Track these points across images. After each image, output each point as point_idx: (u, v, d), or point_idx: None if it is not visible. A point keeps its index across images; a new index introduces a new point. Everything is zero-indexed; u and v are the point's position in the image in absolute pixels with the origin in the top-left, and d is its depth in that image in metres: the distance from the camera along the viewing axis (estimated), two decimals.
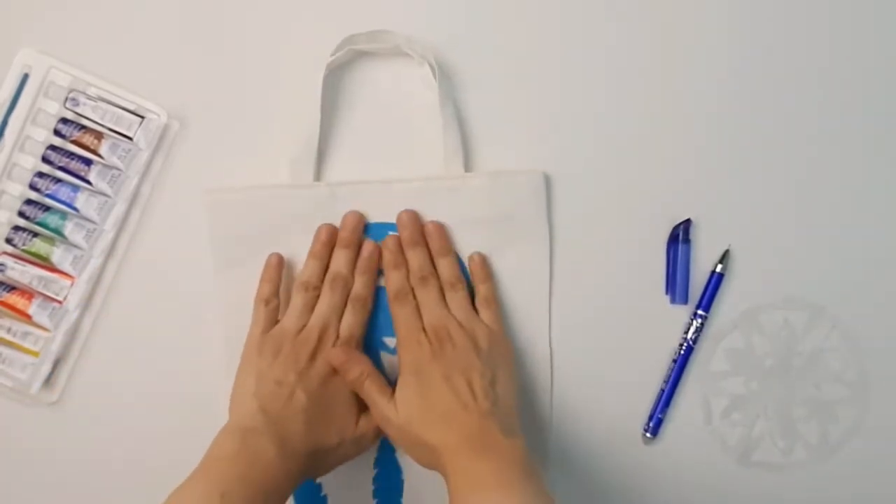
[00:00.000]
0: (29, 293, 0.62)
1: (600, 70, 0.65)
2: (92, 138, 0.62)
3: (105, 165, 0.62)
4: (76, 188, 0.62)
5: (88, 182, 0.62)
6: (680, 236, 0.64)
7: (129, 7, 0.63)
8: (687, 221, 0.64)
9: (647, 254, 0.65)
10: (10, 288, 0.62)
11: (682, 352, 0.64)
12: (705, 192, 0.65)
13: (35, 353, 0.62)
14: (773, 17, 0.65)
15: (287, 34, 0.64)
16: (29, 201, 0.62)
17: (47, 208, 0.62)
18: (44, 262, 0.62)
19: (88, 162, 0.62)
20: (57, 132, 0.62)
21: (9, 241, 0.62)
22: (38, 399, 0.63)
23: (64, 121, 0.62)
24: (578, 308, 0.65)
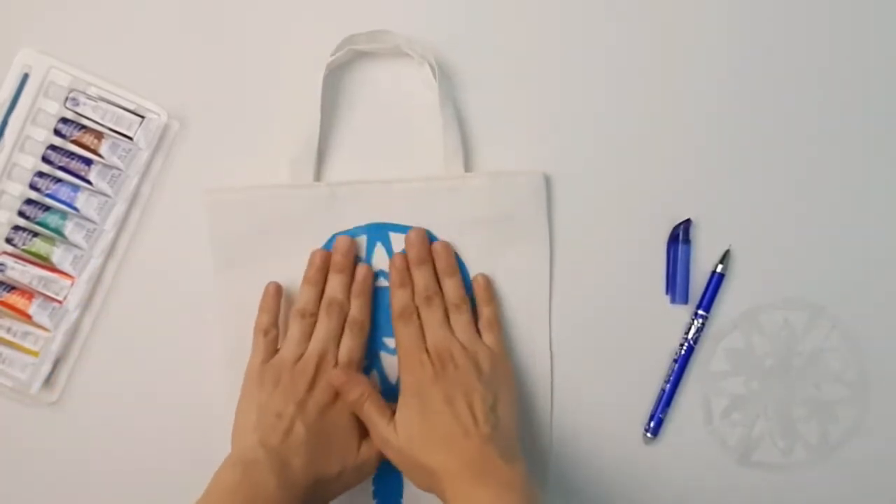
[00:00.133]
0: (29, 293, 0.62)
1: (600, 70, 0.65)
2: (92, 138, 0.62)
3: (105, 165, 0.62)
4: (76, 188, 0.62)
5: (88, 182, 0.62)
6: (680, 236, 0.64)
7: (129, 7, 0.63)
8: (687, 221, 0.64)
9: (647, 254, 0.65)
10: (10, 288, 0.62)
11: (683, 352, 0.64)
12: (705, 192, 0.65)
13: (35, 353, 0.62)
14: (773, 18, 0.65)
15: (287, 34, 0.64)
16: (29, 201, 0.62)
17: (47, 208, 0.62)
18: (44, 262, 0.62)
19: (88, 162, 0.62)
20: (57, 132, 0.62)
21: (9, 240, 0.62)
22: (38, 399, 0.63)
23: (64, 120, 0.62)
24: (578, 308, 0.65)
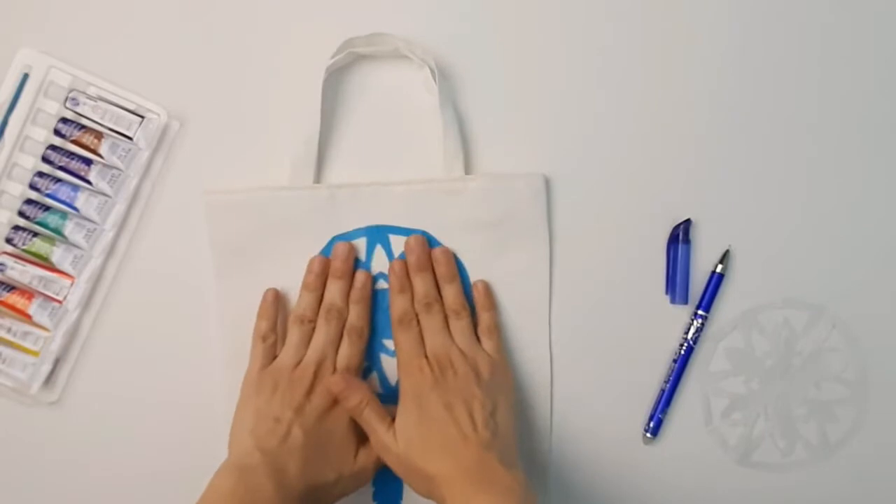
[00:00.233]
0: (29, 293, 0.62)
1: (599, 71, 0.65)
2: (92, 138, 0.62)
3: (105, 165, 0.62)
4: (76, 188, 0.62)
5: (88, 182, 0.62)
6: (680, 236, 0.64)
7: (129, 7, 0.63)
8: (687, 222, 0.64)
9: (647, 254, 0.65)
10: (10, 288, 0.62)
11: (683, 352, 0.64)
12: (705, 193, 0.65)
13: (35, 353, 0.62)
14: (773, 18, 0.65)
15: (287, 36, 0.64)
16: (29, 201, 0.62)
17: (47, 208, 0.62)
18: (44, 262, 0.62)
19: (88, 162, 0.62)
20: (57, 132, 0.62)
21: (9, 240, 0.62)
22: (38, 399, 0.63)
23: (64, 120, 0.62)
24: (579, 308, 0.65)
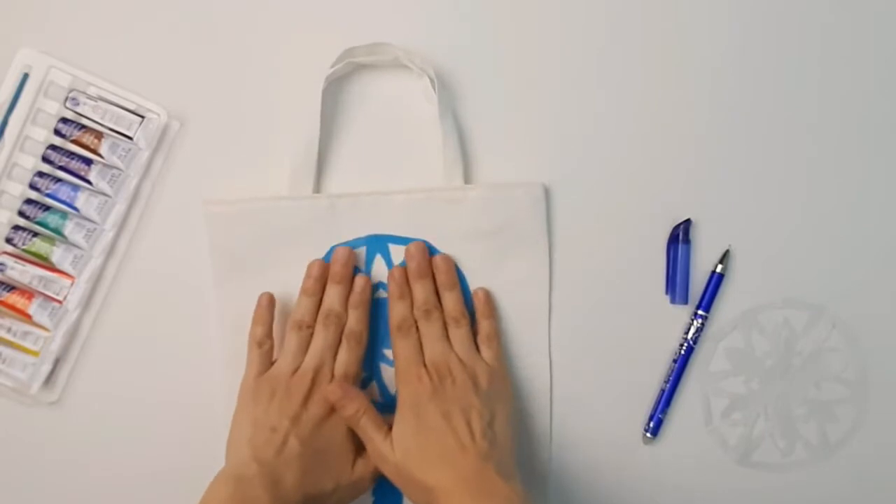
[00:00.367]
0: (29, 293, 0.62)
1: (599, 72, 0.65)
2: (92, 138, 0.62)
3: (105, 165, 0.62)
4: (76, 188, 0.62)
5: (88, 182, 0.62)
6: (680, 236, 0.64)
7: (129, 7, 0.63)
8: (687, 222, 0.64)
9: (647, 254, 0.65)
10: (10, 288, 0.62)
11: (683, 352, 0.64)
12: (705, 193, 0.65)
13: (35, 353, 0.62)
14: (773, 18, 0.65)
15: (287, 46, 0.64)
16: (29, 201, 0.62)
17: (47, 208, 0.62)
18: (44, 262, 0.62)
19: (88, 161, 0.62)
20: (57, 132, 0.62)
21: (9, 240, 0.62)
22: (38, 399, 0.63)
23: (64, 120, 0.62)
24: (579, 308, 0.65)
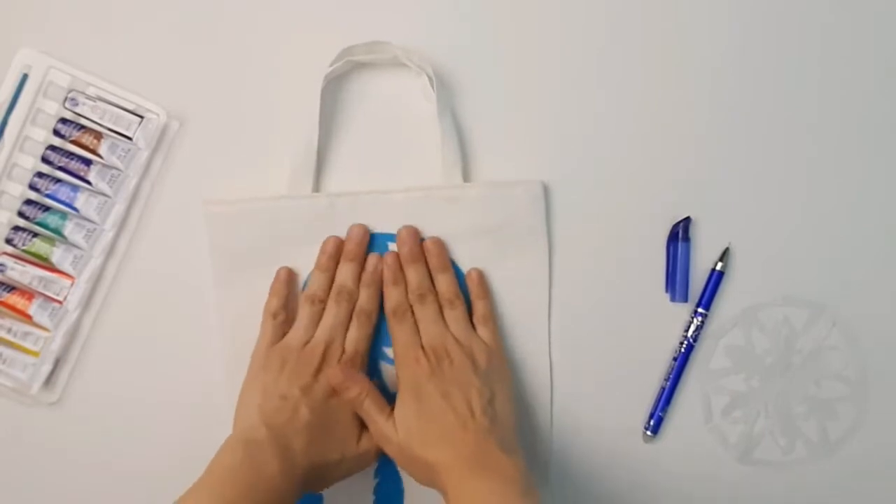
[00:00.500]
0: (29, 293, 0.62)
1: (598, 72, 0.65)
2: (91, 138, 0.62)
3: (105, 165, 0.62)
4: (76, 188, 0.62)
5: (88, 182, 0.62)
6: (679, 234, 0.64)
7: (129, 7, 0.63)
8: (686, 219, 0.64)
9: (646, 252, 0.65)
10: (11, 288, 0.62)
11: (683, 350, 0.64)
12: (705, 191, 0.65)
13: (35, 354, 0.62)
14: (773, 18, 0.65)
15: (286, 45, 0.64)
16: (29, 201, 0.62)
17: (47, 208, 0.62)
18: (44, 262, 0.62)
19: (88, 162, 0.62)
20: (56, 132, 0.62)
21: (9, 241, 0.62)
22: (38, 399, 0.63)
23: (63, 121, 0.62)
24: (579, 307, 0.65)
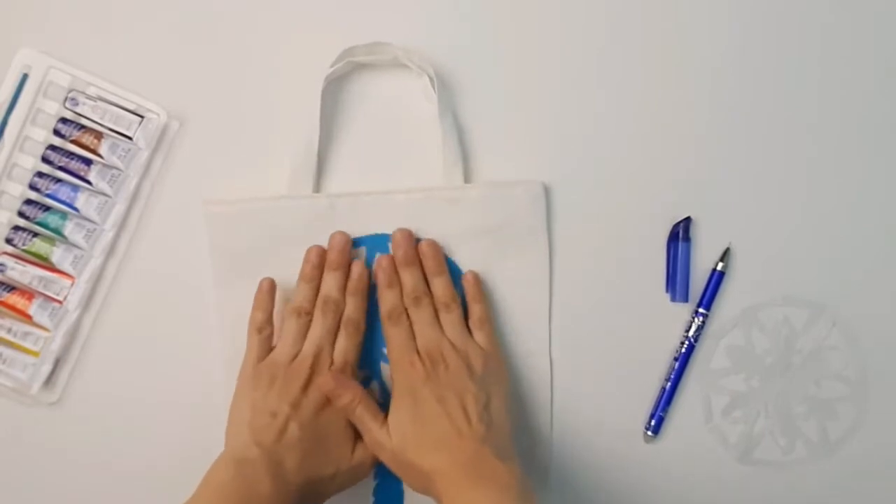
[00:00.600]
0: (29, 293, 0.62)
1: (599, 72, 0.65)
2: (91, 138, 0.62)
3: (105, 165, 0.62)
4: (76, 188, 0.62)
5: (88, 182, 0.62)
6: (680, 234, 0.64)
7: (129, 7, 0.63)
8: (687, 219, 0.64)
9: (647, 253, 0.65)
10: (11, 288, 0.62)
11: (683, 350, 0.64)
12: (705, 191, 0.65)
13: (35, 353, 0.62)
14: (773, 18, 0.65)
15: (287, 46, 0.63)
16: (29, 201, 0.62)
17: (47, 208, 0.62)
18: (44, 262, 0.62)
19: (88, 162, 0.62)
20: (56, 132, 0.62)
21: (9, 241, 0.62)
22: (38, 399, 0.63)
23: (63, 120, 0.62)
24: (579, 307, 0.65)
